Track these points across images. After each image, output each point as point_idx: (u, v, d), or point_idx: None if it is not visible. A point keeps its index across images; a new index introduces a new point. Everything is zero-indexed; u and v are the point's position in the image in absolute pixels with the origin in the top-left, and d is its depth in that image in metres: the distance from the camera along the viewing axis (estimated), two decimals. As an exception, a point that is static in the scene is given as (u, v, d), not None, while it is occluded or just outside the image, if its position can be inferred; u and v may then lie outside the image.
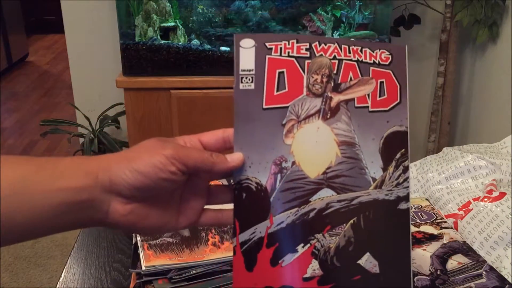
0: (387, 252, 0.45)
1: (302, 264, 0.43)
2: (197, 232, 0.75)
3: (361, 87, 0.47)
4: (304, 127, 0.45)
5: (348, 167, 0.46)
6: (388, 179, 0.46)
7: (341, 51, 0.46)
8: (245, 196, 0.44)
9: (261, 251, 0.43)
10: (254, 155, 0.44)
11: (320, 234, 0.44)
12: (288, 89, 0.45)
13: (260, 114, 0.44)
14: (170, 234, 0.74)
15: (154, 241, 0.72)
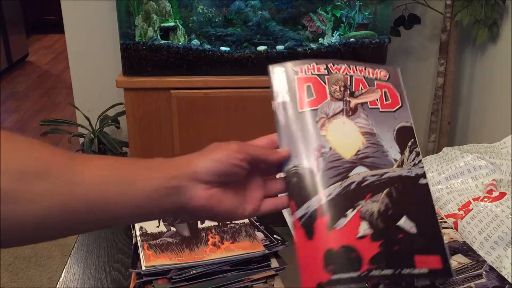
0: (419, 216, 0.55)
1: (354, 225, 0.52)
2: (197, 232, 0.75)
3: (370, 94, 0.61)
4: (333, 122, 0.58)
5: (374, 150, 0.57)
6: (406, 160, 0.58)
7: (350, 70, 0.61)
8: (295, 180, 0.55)
9: (317, 220, 0.52)
10: (297, 147, 0.56)
11: (363, 200, 0.54)
12: (315, 96, 0.58)
13: (297, 116, 0.57)
14: (170, 234, 0.74)
15: (154, 241, 0.72)
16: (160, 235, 0.74)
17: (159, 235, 0.74)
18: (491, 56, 2.08)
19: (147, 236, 0.73)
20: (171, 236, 0.74)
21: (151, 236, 0.73)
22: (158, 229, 0.75)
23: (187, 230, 0.75)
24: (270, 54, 1.91)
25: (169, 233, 0.74)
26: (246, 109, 1.92)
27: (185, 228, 0.76)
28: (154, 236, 0.74)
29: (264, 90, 2.04)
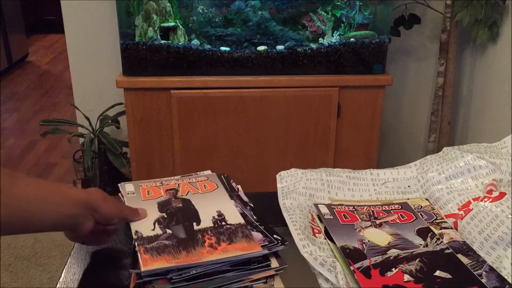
0: (451, 269, 0.71)
1: (399, 276, 0.69)
2: (193, 234, 0.74)
3: (389, 217, 0.84)
4: (366, 230, 0.80)
5: (401, 241, 0.77)
6: (430, 242, 0.77)
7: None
8: (348, 251, 0.75)
9: (371, 270, 0.71)
10: None
11: (401, 264, 0.72)
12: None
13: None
14: (166, 237, 0.73)
15: (150, 245, 0.71)
16: (156, 238, 0.73)
17: (155, 238, 0.73)
18: (491, 56, 2.08)
19: (143, 240, 0.72)
20: (167, 238, 0.73)
21: (147, 240, 0.72)
22: (153, 232, 0.74)
23: (183, 232, 0.74)
24: (270, 54, 1.91)
25: (165, 235, 0.73)
26: (246, 109, 1.92)
27: (181, 230, 0.75)
28: (150, 239, 0.73)
29: (264, 90, 2.04)
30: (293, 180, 0.93)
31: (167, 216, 0.79)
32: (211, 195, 0.86)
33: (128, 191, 0.86)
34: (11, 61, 4.59)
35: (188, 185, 0.88)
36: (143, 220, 0.78)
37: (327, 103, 1.95)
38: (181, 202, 0.83)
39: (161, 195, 0.85)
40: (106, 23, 2.18)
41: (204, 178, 0.91)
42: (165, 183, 0.88)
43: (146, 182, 0.89)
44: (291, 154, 2.02)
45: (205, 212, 0.80)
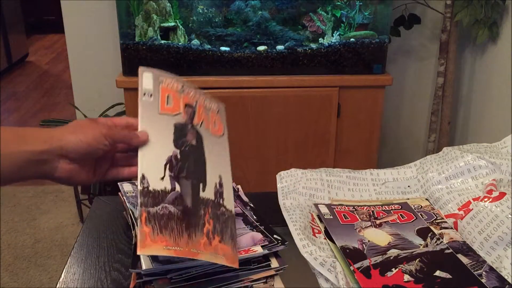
0: (451, 269, 0.70)
1: (399, 276, 0.69)
2: (197, 205, 0.67)
3: (390, 217, 0.84)
4: (366, 230, 0.80)
5: (401, 241, 0.77)
6: (430, 242, 0.77)
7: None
8: (348, 251, 0.76)
9: (371, 270, 0.70)
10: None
11: (401, 264, 0.72)
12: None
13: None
14: (173, 198, 0.65)
15: (154, 209, 0.62)
16: (162, 197, 0.64)
17: (162, 197, 0.64)
18: (491, 56, 2.07)
19: (148, 196, 0.63)
20: (174, 201, 0.64)
21: (152, 197, 0.63)
22: (162, 183, 0.65)
23: (189, 195, 0.67)
24: (270, 54, 1.91)
25: (172, 195, 0.65)
26: (246, 109, 1.92)
27: (188, 191, 0.67)
28: (156, 197, 0.63)
29: (264, 90, 2.04)
30: (293, 180, 0.93)
31: (180, 158, 0.69)
32: (217, 145, 0.76)
33: (146, 89, 0.71)
34: (11, 61, 4.59)
35: (203, 110, 0.75)
36: (154, 157, 0.67)
37: (327, 103, 1.95)
38: (195, 137, 0.73)
39: (179, 111, 0.72)
40: (106, 23, 2.18)
41: (215, 108, 0.79)
42: (186, 90, 0.74)
43: (167, 77, 0.74)
44: (291, 154, 2.02)
45: (211, 172, 0.72)
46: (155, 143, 0.68)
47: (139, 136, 0.67)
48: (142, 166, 0.65)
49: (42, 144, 0.62)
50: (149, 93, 0.70)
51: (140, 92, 0.70)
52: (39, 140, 0.62)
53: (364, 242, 0.77)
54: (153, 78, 0.72)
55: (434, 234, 0.78)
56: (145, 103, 0.70)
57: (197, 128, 0.73)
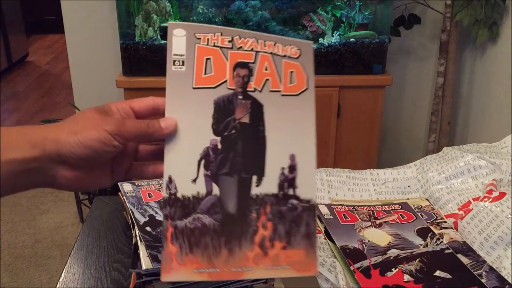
0: (451, 270, 0.70)
1: (399, 276, 0.69)
2: (246, 209, 0.52)
3: (390, 217, 0.83)
4: (366, 230, 0.80)
5: (401, 241, 0.77)
6: (430, 242, 0.76)
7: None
8: (348, 251, 0.76)
9: (371, 271, 0.70)
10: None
11: (401, 264, 0.71)
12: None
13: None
14: (209, 206, 0.51)
15: (184, 221, 0.49)
16: (194, 205, 0.50)
17: (193, 206, 0.50)
18: (491, 56, 2.07)
19: (176, 205, 0.50)
20: (209, 209, 0.50)
21: (181, 207, 0.50)
22: (193, 186, 0.51)
23: (234, 198, 0.52)
24: (270, 54, 1.91)
25: (208, 201, 0.51)
26: (246, 109, 1.92)
27: (233, 192, 0.52)
28: (186, 206, 0.50)
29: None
30: (293, 180, 0.93)
31: (222, 147, 0.52)
32: (292, 108, 0.55)
33: (176, 55, 0.53)
34: (11, 61, 4.59)
35: (269, 63, 0.55)
36: (184, 152, 0.51)
37: (327, 103, 1.95)
38: (249, 110, 0.54)
39: (224, 79, 0.53)
40: (106, 23, 2.18)
41: (295, 52, 0.56)
42: (238, 42, 0.54)
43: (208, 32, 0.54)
44: (291, 154, 2.02)
45: (275, 155, 0.53)
46: (186, 132, 0.52)
47: (163, 127, 0.51)
48: (168, 166, 0.51)
49: (30, 150, 0.47)
50: (180, 60, 0.52)
51: (168, 60, 0.52)
52: (28, 144, 0.47)
53: (364, 242, 0.77)
54: (186, 37, 0.53)
55: (434, 234, 0.78)
56: (174, 75, 0.52)
57: (254, 95, 0.53)
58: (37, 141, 0.48)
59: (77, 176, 0.50)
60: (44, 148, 0.48)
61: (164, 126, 0.51)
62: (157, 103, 0.55)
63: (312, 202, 0.54)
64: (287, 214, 0.53)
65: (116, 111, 0.53)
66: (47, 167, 0.49)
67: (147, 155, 0.57)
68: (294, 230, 0.53)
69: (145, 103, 0.55)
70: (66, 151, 0.48)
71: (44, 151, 0.48)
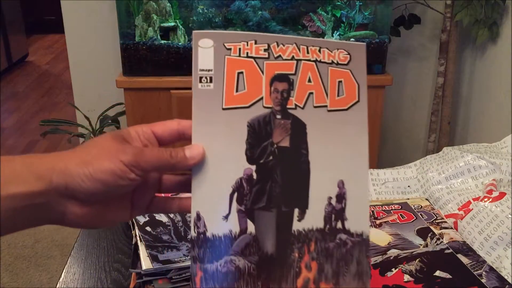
0: (451, 269, 0.69)
1: (399, 276, 0.68)
2: (286, 249, 0.45)
3: (390, 217, 0.81)
4: None
5: (401, 241, 0.75)
6: (430, 242, 0.75)
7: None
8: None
9: (371, 271, 0.68)
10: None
11: (401, 264, 0.70)
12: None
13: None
14: (244, 245, 0.44)
15: (215, 264, 0.43)
16: (226, 246, 0.43)
17: (224, 247, 0.43)
18: (491, 56, 2.07)
19: (205, 246, 0.44)
20: (243, 250, 0.43)
21: (211, 248, 0.43)
22: (226, 225, 0.44)
23: (272, 238, 0.45)
24: (270, 54, 1.91)
25: (242, 240, 0.44)
26: (246, 109, 1.92)
27: (271, 229, 0.45)
28: (216, 247, 0.43)
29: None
30: (293, 180, 0.92)
31: (258, 177, 0.45)
32: (341, 126, 0.47)
33: (203, 70, 0.45)
34: (11, 61, 4.59)
35: (313, 73, 0.47)
36: (213, 184, 0.45)
37: (327, 103, 1.95)
38: (289, 131, 0.46)
39: (259, 96, 0.46)
40: (106, 23, 2.18)
41: (343, 58, 0.48)
42: (276, 51, 0.46)
43: (239, 41, 0.46)
44: (291, 154, 2.02)
45: (321, 183, 0.46)
46: (215, 161, 0.45)
47: (188, 157, 0.44)
48: (196, 201, 0.44)
49: (35, 183, 0.41)
50: (207, 76, 0.45)
51: (194, 77, 0.45)
52: (33, 176, 0.41)
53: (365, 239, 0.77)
54: (214, 48, 0.45)
55: (434, 234, 0.78)
56: (201, 94, 0.45)
57: (296, 113, 0.46)
58: (43, 173, 0.41)
59: (89, 212, 0.44)
60: (51, 180, 0.41)
61: (190, 155, 0.44)
62: (182, 126, 0.47)
63: (364, 235, 0.47)
64: (334, 251, 0.46)
65: (135, 137, 0.47)
66: (54, 202, 0.42)
67: (172, 187, 0.50)
68: (343, 270, 0.46)
69: (169, 127, 0.48)
70: (75, 185, 0.42)
71: (51, 184, 0.41)
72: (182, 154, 0.44)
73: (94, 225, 0.46)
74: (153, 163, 0.44)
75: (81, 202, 0.43)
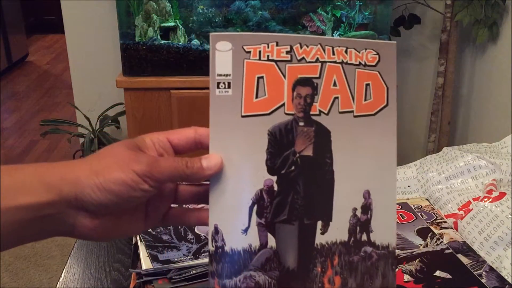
0: (451, 269, 0.69)
1: (399, 276, 0.67)
2: (308, 264, 0.43)
3: None
4: None
5: (401, 241, 0.75)
6: (430, 242, 0.74)
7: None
8: None
9: None
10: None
11: (401, 264, 0.69)
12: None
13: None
14: (264, 260, 0.42)
15: (234, 279, 0.42)
16: (245, 261, 0.42)
17: (244, 262, 0.41)
18: (491, 56, 2.07)
19: (224, 260, 0.42)
20: (263, 265, 0.41)
21: (230, 263, 0.42)
22: (245, 239, 0.42)
23: (294, 252, 0.43)
24: (270, 54, 1.91)
25: (263, 255, 0.42)
26: (246, 109, 1.92)
27: (293, 243, 0.43)
28: (236, 262, 0.41)
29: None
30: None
31: (279, 189, 0.43)
32: (369, 132, 0.45)
33: (220, 75, 0.46)
34: (11, 61, 4.59)
35: (338, 76, 0.44)
36: (232, 197, 0.42)
37: (327, 103, 1.95)
38: (312, 139, 0.44)
39: (281, 102, 0.43)
40: (106, 23, 2.18)
41: (371, 58, 0.45)
42: (298, 53, 0.43)
43: (259, 43, 0.43)
44: (291, 154, 2.02)
45: (345, 193, 0.44)
46: (234, 171, 0.42)
47: (205, 167, 0.42)
48: (213, 213, 0.42)
49: (44, 193, 0.39)
50: (225, 81, 0.44)
51: (212, 82, 0.45)
52: (42, 186, 0.39)
53: None
54: (233, 52, 0.43)
55: (434, 234, 0.78)
56: (219, 101, 0.45)
57: (320, 119, 0.43)
58: (53, 183, 0.40)
59: (100, 224, 0.42)
60: (60, 191, 0.39)
61: (207, 165, 0.42)
62: (199, 135, 0.46)
63: (391, 247, 0.45)
64: (359, 265, 0.44)
65: (150, 145, 0.44)
66: (64, 214, 0.40)
67: (189, 197, 0.47)
68: (367, 284, 0.44)
69: (185, 135, 0.46)
70: (85, 196, 0.40)
71: (61, 195, 0.39)
72: (199, 164, 0.42)
73: (106, 238, 0.45)
74: (168, 173, 0.41)
75: (92, 214, 0.41)
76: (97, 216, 0.41)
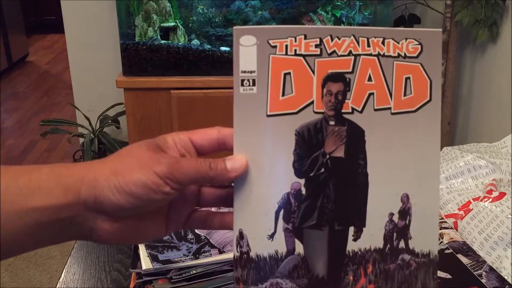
0: (451, 268, 0.68)
1: None
2: (339, 272, 0.40)
3: None
4: None
5: None
6: None
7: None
8: None
9: None
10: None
11: None
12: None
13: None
14: (292, 266, 0.40)
15: (259, 287, 0.40)
16: (271, 267, 0.40)
17: (270, 268, 0.40)
18: (491, 56, 2.07)
19: (249, 266, 0.40)
20: (290, 272, 0.40)
21: (256, 269, 0.40)
22: (271, 244, 0.40)
23: (323, 258, 0.40)
24: (270, 54, 1.91)
25: (290, 262, 0.40)
26: (246, 109, 1.92)
27: (322, 250, 0.40)
28: (261, 268, 0.40)
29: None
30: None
31: (307, 192, 0.40)
32: (408, 131, 0.42)
33: (245, 72, 0.42)
34: (11, 61, 4.59)
35: (374, 69, 0.41)
36: (257, 200, 0.40)
37: (327, 103, 1.95)
38: (344, 142, 0.41)
39: (310, 100, 0.40)
40: (106, 23, 2.18)
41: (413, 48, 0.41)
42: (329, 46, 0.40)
43: (287, 36, 0.40)
44: (291, 154, 2.02)
45: (381, 197, 0.41)
46: (259, 174, 0.40)
47: (229, 169, 0.40)
48: (238, 218, 0.40)
49: (62, 195, 0.37)
50: (250, 79, 0.41)
51: (235, 79, 0.43)
52: (60, 187, 0.38)
53: None
54: (257, 46, 0.41)
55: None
56: (243, 99, 0.42)
57: (353, 118, 0.40)
58: (72, 184, 0.38)
59: (120, 228, 0.40)
60: (79, 192, 0.38)
61: (231, 167, 0.40)
62: (223, 135, 0.43)
63: (432, 255, 0.42)
64: (396, 273, 0.41)
65: (172, 145, 0.42)
66: (83, 216, 0.38)
67: (213, 200, 0.45)
68: None
69: (208, 136, 0.43)
70: (104, 198, 0.38)
71: (79, 197, 0.38)
72: (223, 166, 0.40)
73: (126, 242, 0.43)
74: (190, 175, 0.39)
75: (111, 217, 0.39)
76: (116, 219, 0.39)
